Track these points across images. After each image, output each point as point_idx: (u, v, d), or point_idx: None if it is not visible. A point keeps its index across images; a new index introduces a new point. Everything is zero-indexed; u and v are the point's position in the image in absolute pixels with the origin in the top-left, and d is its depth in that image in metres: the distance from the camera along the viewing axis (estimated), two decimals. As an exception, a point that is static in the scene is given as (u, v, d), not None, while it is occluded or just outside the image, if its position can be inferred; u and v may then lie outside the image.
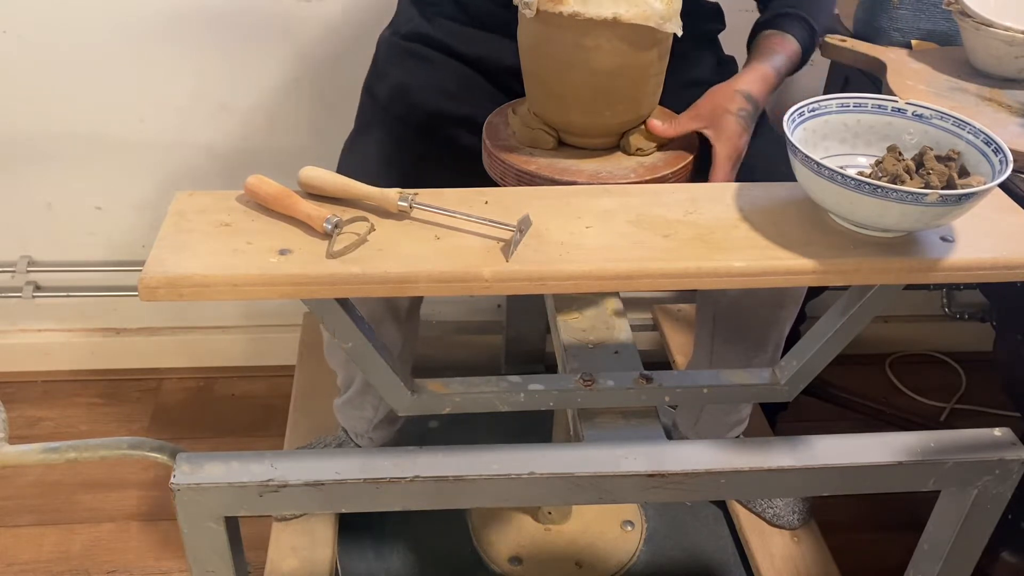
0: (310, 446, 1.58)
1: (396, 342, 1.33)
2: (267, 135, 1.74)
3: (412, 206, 0.89)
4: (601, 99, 1.05)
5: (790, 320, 1.36)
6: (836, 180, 0.83)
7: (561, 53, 1.02)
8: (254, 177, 0.91)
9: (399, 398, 1.02)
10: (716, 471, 0.95)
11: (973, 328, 2.04)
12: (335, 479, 0.92)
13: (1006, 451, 0.97)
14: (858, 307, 0.97)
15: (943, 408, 1.97)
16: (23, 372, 1.93)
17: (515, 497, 0.96)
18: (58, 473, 1.72)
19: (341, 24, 1.65)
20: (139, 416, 1.87)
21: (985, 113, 1.22)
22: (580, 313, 1.21)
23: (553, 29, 1.01)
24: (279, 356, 1.94)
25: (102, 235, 1.83)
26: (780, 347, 1.38)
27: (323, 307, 0.90)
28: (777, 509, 1.52)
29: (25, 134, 1.70)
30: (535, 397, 1.04)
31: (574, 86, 1.04)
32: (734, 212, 0.93)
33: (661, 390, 1.06)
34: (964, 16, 1.29)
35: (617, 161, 1.09)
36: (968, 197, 0.82)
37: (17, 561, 1.57)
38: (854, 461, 0.96)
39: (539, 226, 0.89)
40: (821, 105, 0.94)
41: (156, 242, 0.86)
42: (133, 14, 1.61)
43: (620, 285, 0.86)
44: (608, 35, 1.00)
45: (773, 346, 1.37)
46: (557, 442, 1.47)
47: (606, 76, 1.03)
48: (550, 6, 0.99)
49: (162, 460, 0.94)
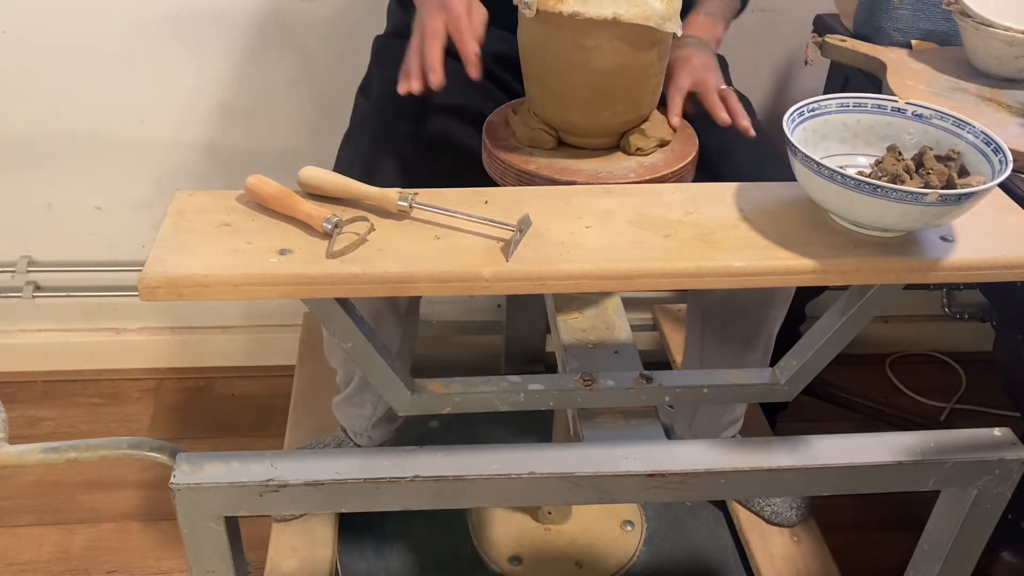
0: (309, 447, 1.58)
1: (395, 338, 1.33)
2: (267, 135, 1.74)
3: (412, 206, 0.89)
4: (601, 99, 1.05)
5: (779, 319, 1.36)
6: (836, 180, 0.83)
7: (561, 53, 1.02)
8: (254, 177, 0.91)
9: (399, 398, 1.02)
10: (716, 471, 0.95)
11: (973, 328, 2.04)
12: (335, 479, 0.92)
13: (1006, 451, 0.97)
14: (858, 307, 0.97)
15: (943, 408, 1.97)
16: (23, 372, 1.93)
17: (515, 497, 0.96)
18: (58, 473, 1.72)
19: (341, 24, 1.65)
20: (139, 416, 1.87)
21: (985, 113, 1.22)
22: (580, 313, 1.21)
23: (553, 29, 1.01)
24: (279, 356, 1.94)
25: (102, 235, 1.83)
26: (770, 347, 1.39)
27: (323, 307, 0.90)
28: (776, 507, 1.52)
29: (25, 134, 1.70)
30: (535, 397, 1.04)
31: (574, 86, 1.04)
32: (734, 212, 0.93)
33: (661, 390, 1.06)
34: (964, 16, 1.29)
35: (617, 161, 1.09)
36: (968, 197, 0.82)
37: (17, 561, 1.57)
38: (854, 461, 0.96)
39: (539, 226, 0.89)
40: (821, 105, 0.94)
41: (156, 242, 0.86)
42: (133, 14, 1.61)
43: (620, 285, 0.86)
44: (608, 35, 1.00)
45: (763, 345, 1.37)
46: (557, 442, 1.47)
47: (606, 76, 1.03)
48: (550, 6, 0.99)
49: (162, 460, 0.94)
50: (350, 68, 1.64)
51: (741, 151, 1.19)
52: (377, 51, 1.38)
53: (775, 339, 1.39)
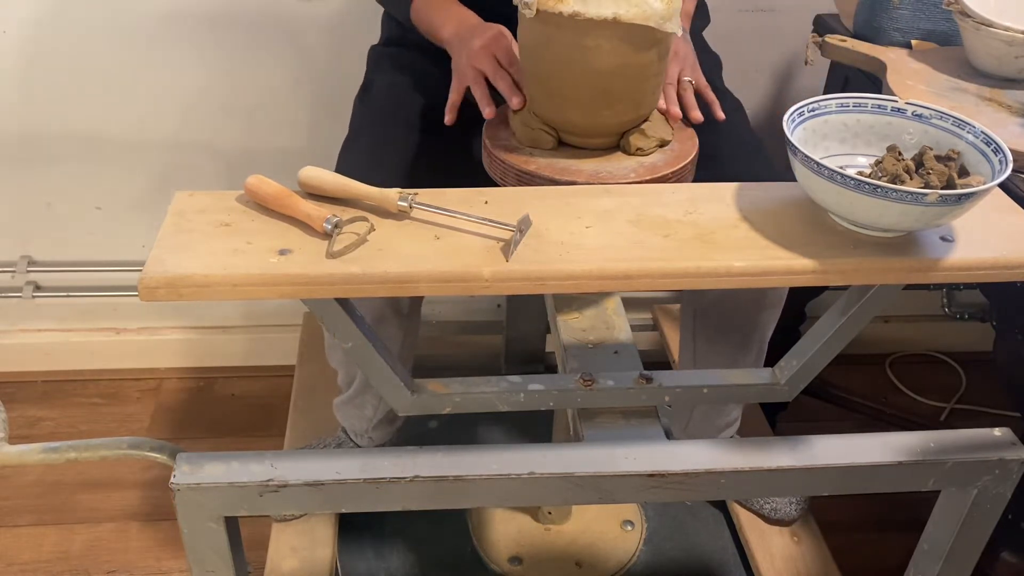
0: (310, 447, 1.58)
1: (397, 339, 1.33)
2: (267, 135, 1.74)
3: (412, 206, 0.89)
4: (601, 99, 1.05)
5: (772, 322, 1.36)
6: (836, 180, 0.83)
7: (561, 53, 1.02)
8: (254, 177, 0.91)
9: (399, 398, 1.02)
10: (716, 471, 0.95)
11: (973, 328, 2.04)
12: (335, 479, 0.92)
13: (1006, 451, 0.97)
14: (858, 307, 0.97)
15: (943, 408, 1.97)
16: (23, 372, 1.93)
17: (515, 497, 0.96)
18: (58, 473, 1.72)
19: (341, 24, 1.65)
20: (139, 416, 1.87)
21: (985, 113, 1.22)
22: (580, 313, 1.21)
23: (553, 29, 1.01)
24: (279, 356, 1.94)
25: (102, 235, 1.83)
26: (764, 350, 1.38)
27: (323, 307, 0.90)
28: (775, 503, 1.52)
29: (25, 134, 1.70)
30: (535, 397, 1.04)
31: (574, 86, 1.04)
32: (734, 212, 0.93)
33: (661, 390, 1.06)
34: (964, 16, 1.29)
35: (617, 161, 1.09)
36: (968, 197, 0.82)
37: (17, 561, 1.57)
38: (854, 461, 0.96)
39: (539, 226, 0.89)
40: (821, 105, 0.94)
41: (156, 242, 0.86)
42: (133, 14, 1.61)
43: (620, 285, 0.86)
44: (608, 35, 1.00)
45: (756, 348, 1.37)
46: (557, 442, 1.47)
47: (606, 76, 1.03)
48: (550, 6, 0.99)
49: (162, 460, 0.94)
50: (350, 68, 1.64)
51: (732, 155, 1.19)
52: (374, 59, 1.40)
53: (768, 344, 1.39)
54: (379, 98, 1.30)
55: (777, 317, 1.36)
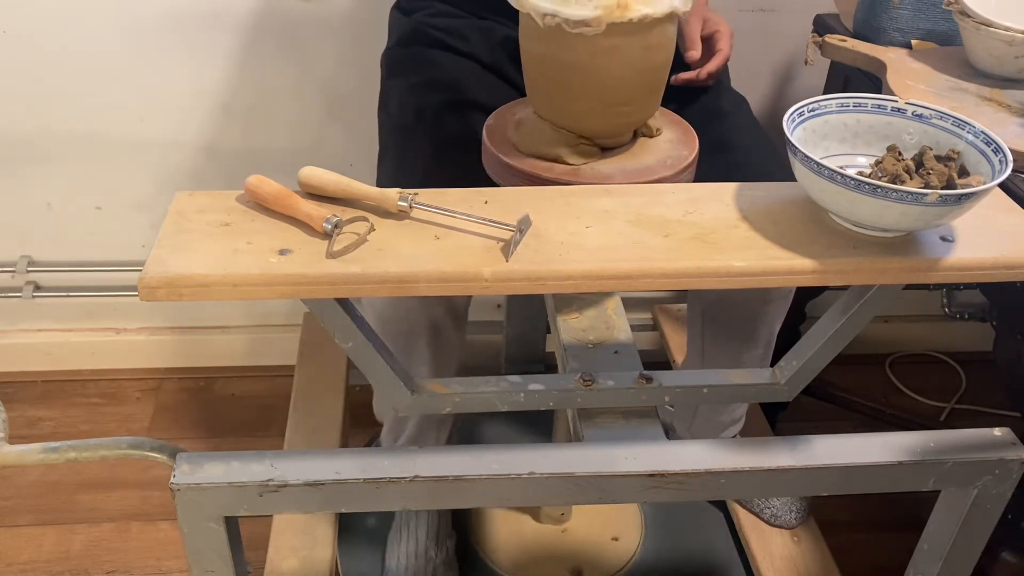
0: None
1: (455, 348, 1.32)
2: (267, 135, 1.74)
3: (412, 206, 0.89)
4: (649, 94, 1.05)
5: (780, 316, 1.36)
6: (836, 180, 0.83)
7: (630, 57, 1.01)
8: (254, 177, 0.91)
9: (399, 398, 1.02)
10: (716, 471, 0.95)
11: (973, 328, 2.04)
12: (335, 479, 0.92)
13: (1006, 451, 0.97)
14: (858, 307, 0.97)
15: (943, 408, 1.97)
16: (23, 372, 1.93)
17: (515, 497, 0.96)
18: (58, 473, 1.72)
19: (342, 24, 1.65)
20: (139, 416, 1.87)
21: (985, 113, 1.22)
22: (580, 313, 1.21)
23: (619, 39, 0.99)
24: (279, 356, 1.94)
25: (102, 235, 1.83)
26: (771, 344, 1.38)
27: (323, 307, 0.90)
28: (775, 509, 1.52)
29: (25, 134, 1.70)
30: (535, 397, 1.04)
31: (631, 87, 1.04)
32: (734, 212, 0.92)
33: (661, 390, 1.06)
34: (964, 16, 1.29)
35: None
36: (968, 197, 0.82)
37: (17, 561, 1.57)
38: (854, 461, 0.96)
39: (539, 226, 0.89)
40: (821, 105, 0.94)
41: (156, 242, 0.86)
42: (133, 14, 1.61)
43: (620, 285, 0.86)
44: (662, 28, 1.00)
45: (764, 343, 1.37)
46: (557, 442, 1.47)
47: (663, 68, 1.04)
48: (617, 16, 0.96)
49: (162, 460, 0.94)
50: (351, 68, 1.64)
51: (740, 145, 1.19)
52: (389, 64, 1.37)
53: (776, 336, 1.39)
54: (400, 107, 1.29)
55: (785, 311, 1.36)
